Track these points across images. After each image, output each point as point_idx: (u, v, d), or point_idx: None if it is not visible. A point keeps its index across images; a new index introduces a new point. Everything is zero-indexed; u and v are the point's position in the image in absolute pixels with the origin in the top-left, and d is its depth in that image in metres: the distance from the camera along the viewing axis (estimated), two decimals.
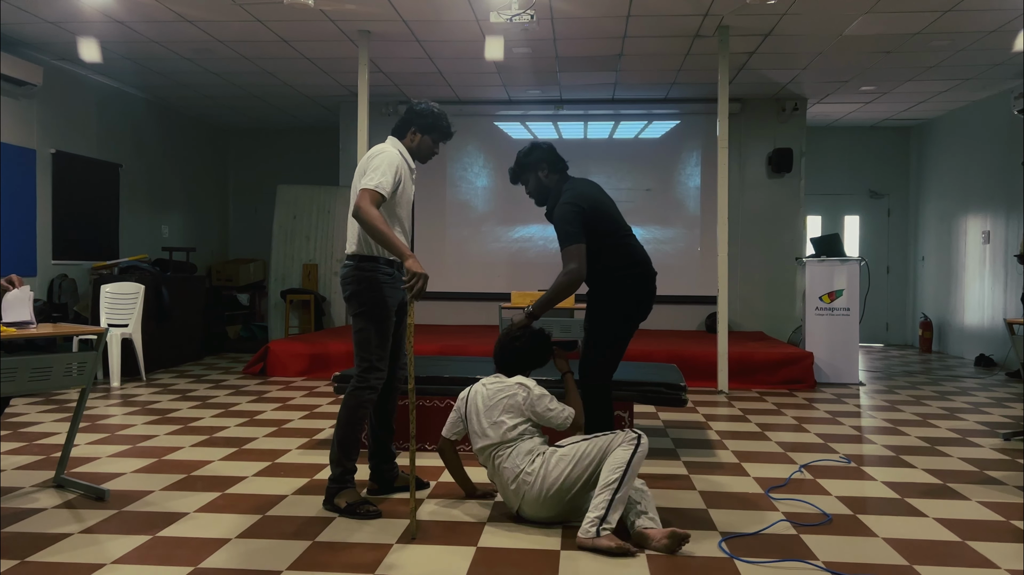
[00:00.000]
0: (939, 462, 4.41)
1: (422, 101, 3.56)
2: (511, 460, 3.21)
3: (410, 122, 3.52)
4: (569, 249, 3.49)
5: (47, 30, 6.94)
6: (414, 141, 3.53)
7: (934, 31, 6.76)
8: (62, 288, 7.86)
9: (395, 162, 3.38)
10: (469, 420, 3.37)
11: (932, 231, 10.81)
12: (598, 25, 6.79)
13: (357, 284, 3.40)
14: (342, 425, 3.40)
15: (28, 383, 3.45)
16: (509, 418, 3.25)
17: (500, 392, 3.31)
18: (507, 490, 3.24)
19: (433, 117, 3.52)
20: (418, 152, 3.56)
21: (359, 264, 3.41)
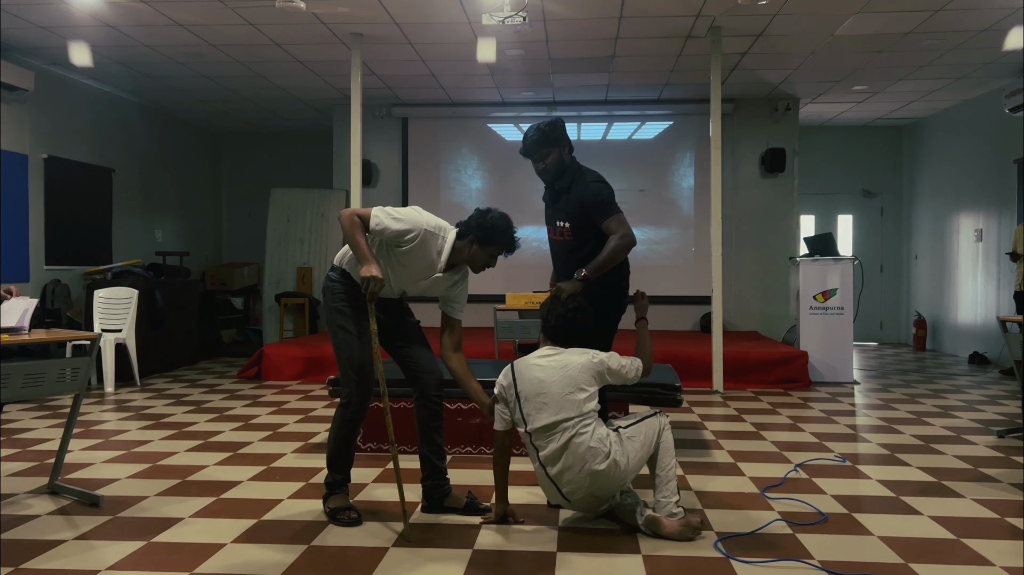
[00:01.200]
0: (934, 460, 4.42)
1: (490, 211, 3.32)
2: (596, 439, 3.03)
3: (470, 229, 3.28)
4: (615, 217, 3.53)
5: (38, 35, 6.92)
6: (469, 249, 3.29)
7: (925, 30, 6.78)
8: (55, 293, 7.83)
9: (417, 229, 3.18)
10: (525, 400, 3.11)
11: (925, 230, 10.85)
12: (590, 27, 6.80)
13: (323, 292, 3.41)
14: (329, 438, 3.40)
15: (21, 389, 3.43)
16: (587, 387, 3.08)
17: (569, 363, 3.11)
18: (577, 473, 3.03)
19: (496, 231, 3.27)
20: (471, 261, 3.34)
21: (331, 274, 3.41)
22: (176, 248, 10.12)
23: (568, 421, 3.05)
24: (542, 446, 3.10)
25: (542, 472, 3.13)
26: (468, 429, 4.48)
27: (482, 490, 3.79)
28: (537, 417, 3.09)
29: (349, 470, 3.42)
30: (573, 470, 3.05)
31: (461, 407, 4.48)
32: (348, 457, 3.40)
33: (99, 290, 7.15)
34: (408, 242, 3.20)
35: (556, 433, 3.05)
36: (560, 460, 3.06)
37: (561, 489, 3.10)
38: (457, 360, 3.50)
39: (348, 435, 3.36)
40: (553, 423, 3.06)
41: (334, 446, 3.37)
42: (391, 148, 10.15)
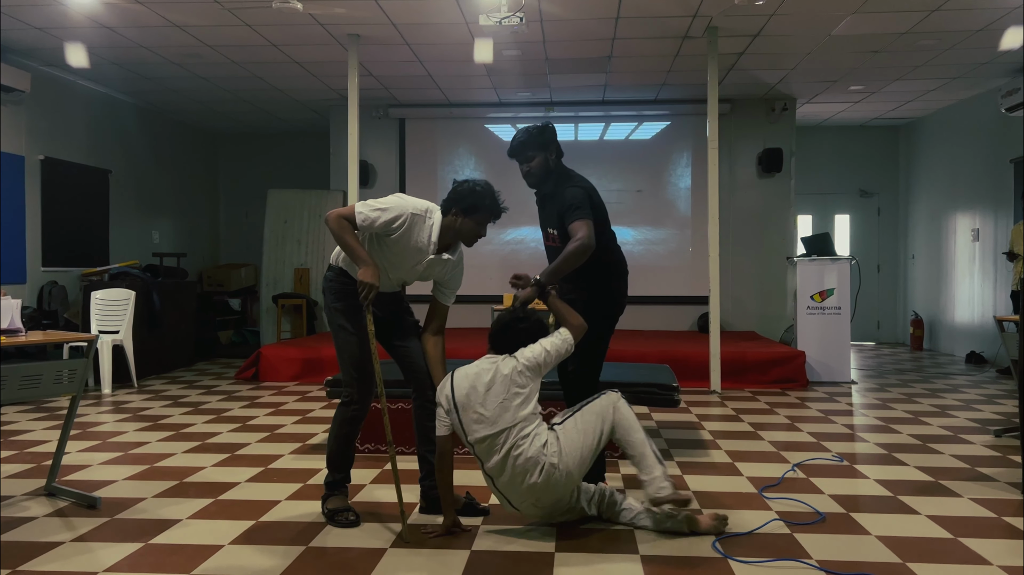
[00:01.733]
0: (931, 459, 4.43)
1: (466, 180, 3.32)
2: (534, 448, 3.01)
3: (451, 203, 3.26)
4: (578, 222, 3.47)
5: (35, 36, 6.91)
6: (457, 224, 3.26)
7: (921, 31, 6.79)
8: (52, 295, 7.81)
9: (404, 214, 3.19)
10: (463, 409, 3.09)
11: (922, 229, 10.86)
12: (587, 27, 6.80)
13: (324, 292, 3.40)
14: (329, 437, 3.40)
15: (18, 391, 3.43)
16: (521, 389, 3.06)
17: (499, 371, 3.10)
18: (519, 487, 3.04)
19: (475, 197, 3.24)
20: (461, 235, 3.30)
21: (329, 274, 3.40)
22: (173, 249, 10.11)
23: (505, 432, 3.03)
24: (485, 458, 3.10)
25: (490, 483, 3.14)
26: None
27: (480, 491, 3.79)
28: (475, 428, 3.08)
29: (349, 470, 3.41)
30: (515, 483, 3.05)
31: None
32: (348, 457, 3.39)
33: (96, 291, 7.14)
34: (396, 229, 3.19)
35: (497, 445, 3.05)
36: (504, 471, 3.06)
37: (510, 500, 3.12)
38: (434, 344, 3.44)
39: (349, 434, 3.35)
40: (491, 435, 3.05)
41: (334, 445, 3.36)
42: (388, 149, 10.14)
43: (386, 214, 3.18)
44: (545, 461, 3.02)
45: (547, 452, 3.03)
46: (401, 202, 3.23)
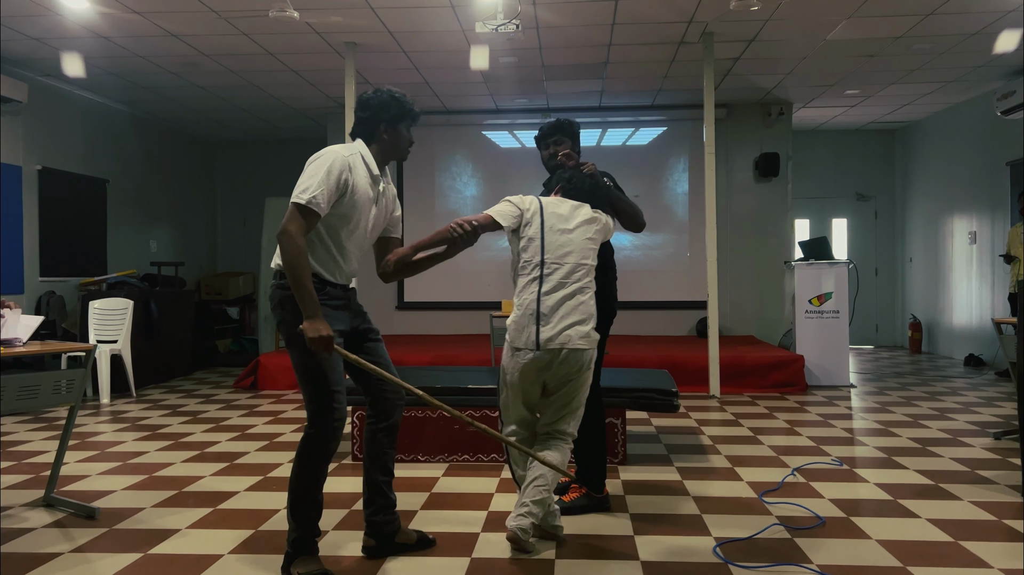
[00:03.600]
0: (931, 463, 4.43)
1: (377, 90, 2.93)
2: (591, 308, 3.06)
3: (376, 119, 2.89)
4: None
5: (31, 46, 6.91)
6: (385, 141, 2.92)
7: (916, 35, 6.82)
8: (50, 305, 7.81)
9: (336, 168, 2.73)
10: (550, 229, 3.05)
11: (919, 232, 10.88)
12: (583, 34, 6.82)
13: (293, 305, 2.73)
14: (298, 486, 2.76)
15: (16, 401, 3.42)
16: (592, 245, 3.14)
17: (587, 212, 3.17)
18: (565, 326, 2.98)
19: (398, 103, 2.90)
20: (396, 149, 2.95)
21: (278, 282, 2.83)
22: (171, 258, 10.10)
23: (582, 269, 3.05)
24: (550, 279, 3.02)
25: (532, 304, 3.01)
26: (464, 436, 4.48)
27: (479, 499, 3.78)
28: (561, 243, 3.05)
29: (319, 520, 2.83)
30: (566, 321, 2.98)
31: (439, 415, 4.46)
32: (321, 502, 2.82)
33: (94, 301, 7.13)
34: (344, 184, 2.75)
35: (570, 278, 3.03)
36: (559, 305, 3.00)
37: (540, 330, 2.97)
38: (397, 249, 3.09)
39: (323, 476, 2.81)
40: (571, 263, 3.05)
41: (309, 492, 2.77)
42: None
43: (329, 180, 2.71)
44: (592, 334, 3.04)
45: (592, 335, 3.06)
46: (322, 158, 2.76)
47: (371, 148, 2.91)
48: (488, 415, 4.45)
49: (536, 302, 3.03)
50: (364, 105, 2.91)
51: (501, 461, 4.44)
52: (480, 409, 4.46)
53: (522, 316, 3.05)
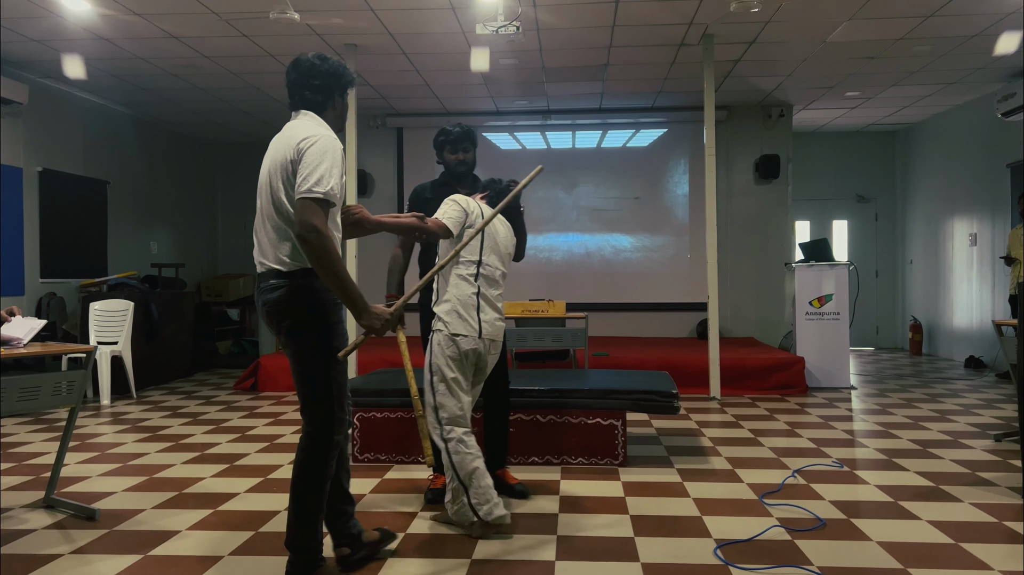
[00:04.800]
0: (931, 464, 4.42)
1: (319, 55, 2.77)
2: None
3: (329, 88, 2.74)
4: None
5: (32, 48, 6.92)
6: (339, 108, 2.82)
7: (916, 36, 6.82)
8: (50, 306, 7.81)
9: (340, 153, 2.64)
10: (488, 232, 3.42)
11: (919, 234, 10.88)
12: (583, 36, 6.83)
13: (305, 306, 2.63)
14: (308, 495, 2.67)
15: (17, 403, 3.42)
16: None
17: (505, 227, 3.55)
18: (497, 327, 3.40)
19: (345, 70, 2.80)
20: (342, 118, 2.85)
21: (304, 281, 2.64)
22: (171, 260, 10.10)
23: (502, 271, 3.47)
24: (485, 276, 3.37)
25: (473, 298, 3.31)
26: None
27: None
28: (493, 253, 3.43)
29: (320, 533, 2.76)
30: (496, 314, 3.39)
31: None
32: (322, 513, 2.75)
33: (94, 303, 7.14)
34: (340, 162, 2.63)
35: (498, 275, 3.44)
36: (493, 301, 3.39)
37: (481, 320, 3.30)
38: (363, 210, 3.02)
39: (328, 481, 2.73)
40: (501, 267, 3.46)
41: (319, 502, 2.69)
42: (386, 158, 10.16)
43: (337, 163, 2.60)
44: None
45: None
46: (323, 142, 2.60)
47: (324, 118, 2.76)
48: None
49: (476, 295, 3.32)
50: (314, 72, 2.72)
51: None
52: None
53: (464, 307, 3.29)
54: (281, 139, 2.71)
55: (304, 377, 2.68)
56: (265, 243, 2.68)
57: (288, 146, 2.63)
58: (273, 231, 2.66)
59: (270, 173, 2.68)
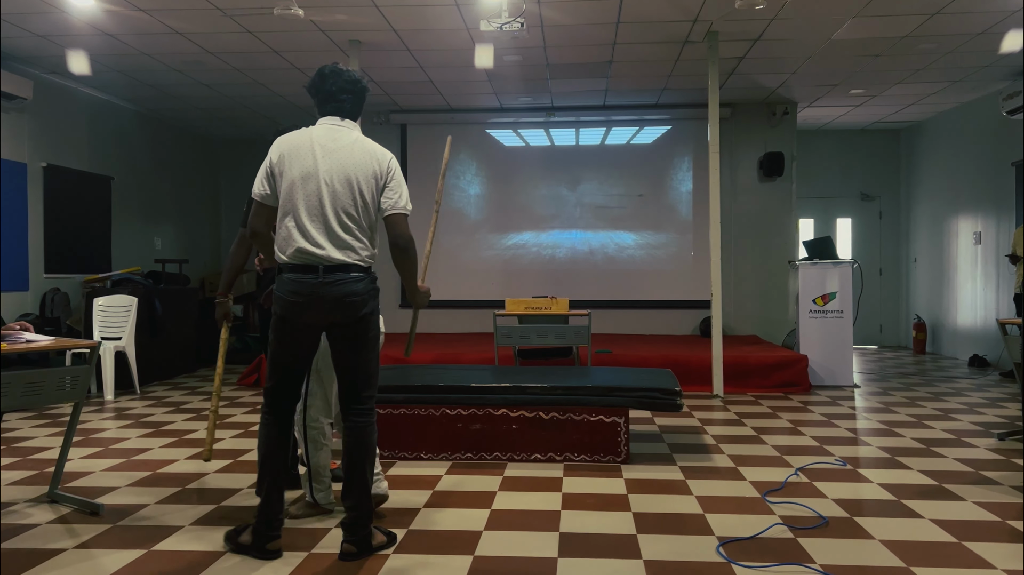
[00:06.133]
0: (934, 463, 4.42)
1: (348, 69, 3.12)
2: None
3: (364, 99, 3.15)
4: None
5: (37, 43, 6.93)
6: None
7: (922, 34, 6.80)
8: (54, 302, 7.82)
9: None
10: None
11: (924, 232, 10.86)
12: (588, 32, 6.82)
13: (376, 299, 3.03)
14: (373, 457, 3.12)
15: (21, 398, 3.44)
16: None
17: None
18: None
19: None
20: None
21: (374, 276, 3.05)
22: (175, 256, 10.11)
23: None
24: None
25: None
26: (467, 435, 4.48)
27: (481, 497, 3.79)
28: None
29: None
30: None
31: (461, 413, 4.48)
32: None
33: (98, 298, 7.15)
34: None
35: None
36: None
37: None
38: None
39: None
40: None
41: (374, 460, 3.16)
42: None
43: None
44: None
45: None
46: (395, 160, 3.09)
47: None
48: (491, 413, 4.45)
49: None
50: (362, 88, 3.11)
51: (504, 459, 4.45)
52: (483, 407, 4.46)
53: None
54: (359, 147, 2.98)
55: (372, 360, 3.04)
56: (346, 239, 2.91)
57: (375, 159, 2.98)
58: (357, 230, 2.93)
59: (356, 177, 2.93)
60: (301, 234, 2.88)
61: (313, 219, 2.88)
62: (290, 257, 2.90)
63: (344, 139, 2.98)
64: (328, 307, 2.90)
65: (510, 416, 4.44)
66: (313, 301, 2.89)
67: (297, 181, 2.91)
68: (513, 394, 4.44)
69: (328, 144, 2.96)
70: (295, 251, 2.88)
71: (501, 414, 4.45)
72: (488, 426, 4.46)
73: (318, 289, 2.88)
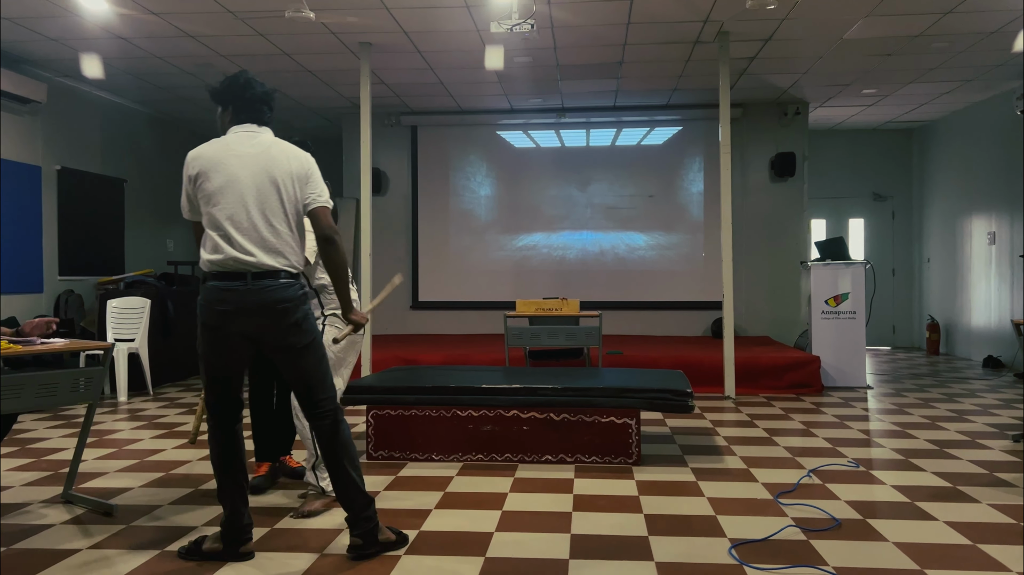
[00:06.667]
0: (948, 465, 4.39)
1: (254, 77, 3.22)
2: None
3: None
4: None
5: (50, 47, 6.98)
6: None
7: (934, 33, 6.76)
8: (68, 304, 7.88)
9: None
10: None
11: (937, 233, 10.79)
12: (598, 33, 6.81)
13: (308, 303, 3.04)
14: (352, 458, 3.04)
15: (35, 399, 3.46)
16: None
17: None
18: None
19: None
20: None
21: (305, 281, 3.13)
22: (187, 258, 10.16)
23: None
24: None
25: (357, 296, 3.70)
26: (479, 436, 4.48)
27: (493, 499, 3.79)
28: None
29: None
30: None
31: (472, 414, 4.48)
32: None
33: (112, 300, 7.19)
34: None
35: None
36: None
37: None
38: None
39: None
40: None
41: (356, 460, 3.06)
42: (400, 156, 10.18)
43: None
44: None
45: None
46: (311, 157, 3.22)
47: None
48: (502, 414, 4.45)
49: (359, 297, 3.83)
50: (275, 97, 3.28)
51: (515, 461, 4.45)
52: (494, 409, 4.47)
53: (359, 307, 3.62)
54: (278, 149, 3.04)
55: (317, 365, 2.99)
56: (274, 243, 2.90)
57: (294, 158, 3.04)
58: (286, 232, 2.94)
59: (279, 178, 2.95)
60: (227, 242, 2.86)
61: (239, 226, 2.87)
62: (217, 265, 2.87)
63: (262, 143, 3.02)
64: (256, 314, 2.85)
65: (521, 417, 4.44)
66: (241, 309, 2.84)
67: (220, 191, 2.89)
68: (524, 395, 4.44)
69: (247, 150, 2.97)
70: (223, 259, 2.85)
71: (512, 415, 4.45)
72: (499, 427, 4.46)
73: (245, 296, 2.84)
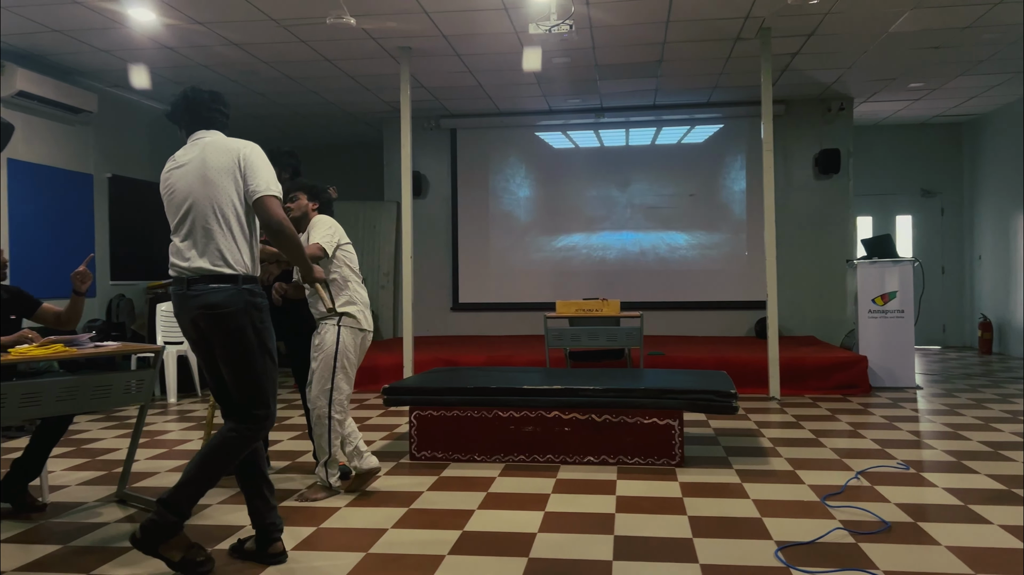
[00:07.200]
0: (1003, 467, 4.28)
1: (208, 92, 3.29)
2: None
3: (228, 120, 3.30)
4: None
5: (100, 58, 7.18)
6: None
7: (984, 24, 6.59)
8: (120, 308, 8.09)
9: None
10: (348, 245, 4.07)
11: (988, 229, 10.51)
12: (637, 32, 6.78)
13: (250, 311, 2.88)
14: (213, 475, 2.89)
15: (89, 401, 3.56)
16: None
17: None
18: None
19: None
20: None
21: (244, 286, 2.89)
22: None
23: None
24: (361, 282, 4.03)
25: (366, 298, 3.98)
26: (521, 437, 4.49)
27: (535, 499, 3.79)
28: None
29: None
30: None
31: (513, 415, 4.49)
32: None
33: (161, 304, 7.35)
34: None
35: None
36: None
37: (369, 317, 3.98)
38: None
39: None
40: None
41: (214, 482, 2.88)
42: (440, 159, 10.25)
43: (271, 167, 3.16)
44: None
45: None
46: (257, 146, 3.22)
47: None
48: (544, 415, 4.45)
49: (367, 296, 3.95)
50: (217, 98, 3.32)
51: (557, 462, 4.45)
52: (536, 410, 4.47)
53: (365, 308, 3.89)
54: (212, 148, 3.03)
55: (254, 375, 2.90)
56: (209, 246, 2.88)
57: (228, 152, 3.01)
58: (226, 233, 2.89)
59: (214, 179, 2.93)
60: (172, 251, 2.97)
61: (179, 232, 2.95)
62: (170, 272, 2.98)
63: (199, 146, 3.04)
64: (193, 318, 2.89)
65: (563, 419, 4.44)
66: (181, 312, 2.94)
67: (168, 204, 3.02)
68: (565, 396, 4.43)
69: (186, 158, 3.03)
70: (170, 266, 2.97)
71: (553, 416, 4.45)
72: (541, 428, 4.47)
73: (182, 301, 2.92)
